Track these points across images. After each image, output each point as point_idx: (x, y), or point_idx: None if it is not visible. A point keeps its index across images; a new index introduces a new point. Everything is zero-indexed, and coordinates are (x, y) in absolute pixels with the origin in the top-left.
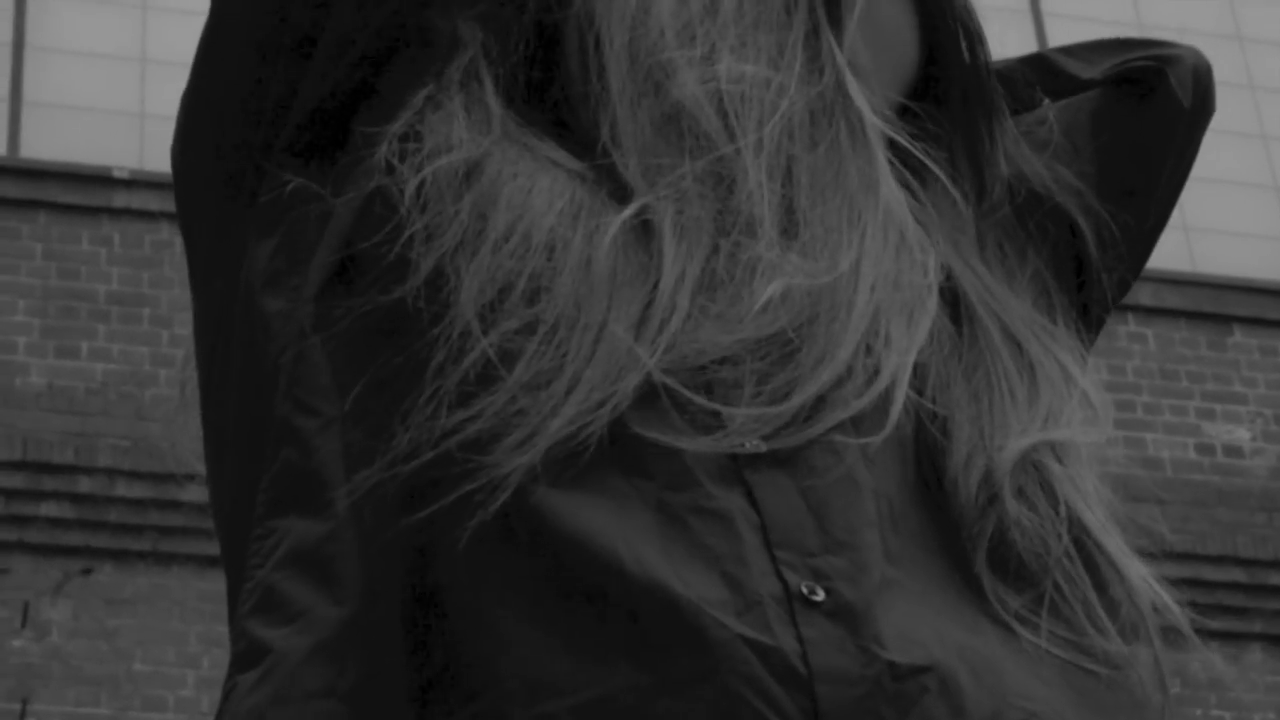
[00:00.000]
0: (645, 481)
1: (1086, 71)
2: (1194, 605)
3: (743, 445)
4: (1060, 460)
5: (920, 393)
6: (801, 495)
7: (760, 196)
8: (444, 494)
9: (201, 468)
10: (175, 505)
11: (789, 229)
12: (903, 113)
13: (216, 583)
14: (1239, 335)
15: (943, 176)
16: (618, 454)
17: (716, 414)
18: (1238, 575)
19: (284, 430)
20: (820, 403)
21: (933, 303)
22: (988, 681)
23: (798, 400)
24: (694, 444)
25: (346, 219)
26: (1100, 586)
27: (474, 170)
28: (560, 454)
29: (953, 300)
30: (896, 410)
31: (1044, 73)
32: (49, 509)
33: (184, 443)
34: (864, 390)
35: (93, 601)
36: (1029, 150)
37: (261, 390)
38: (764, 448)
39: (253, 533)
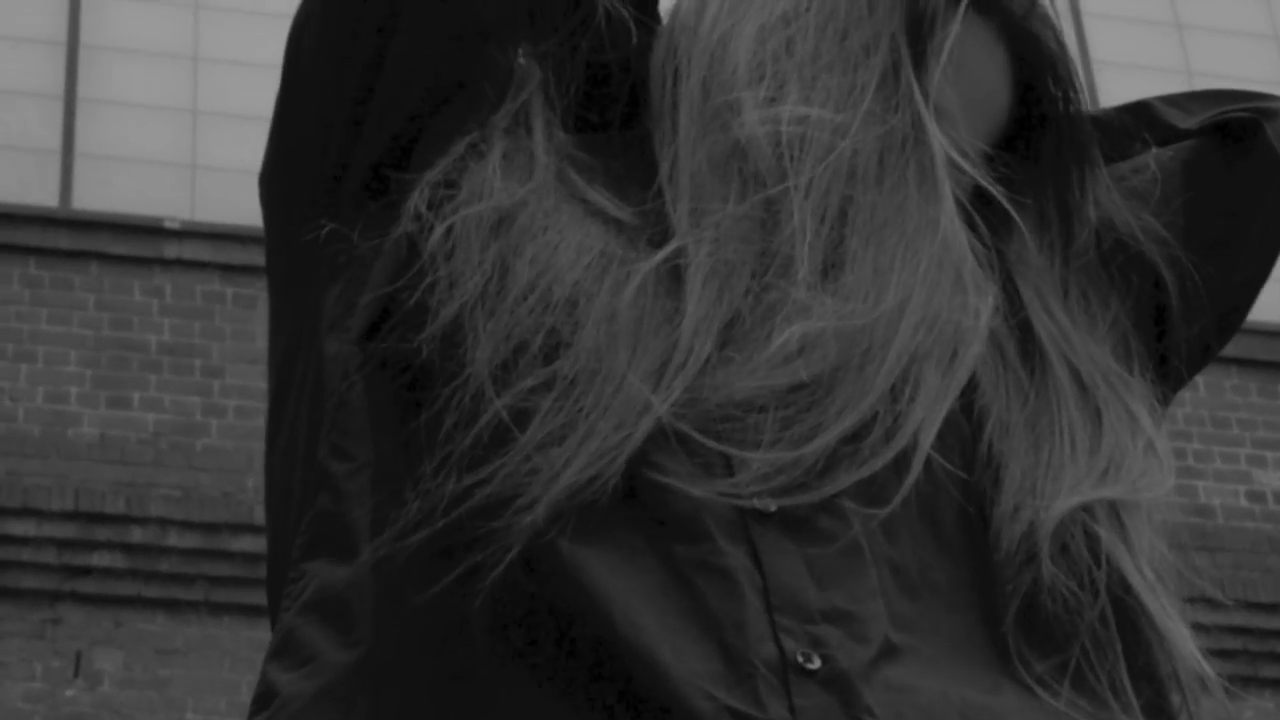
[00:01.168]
0: (657, 530)
1: (1184, 121)
2: (1246, 653)
3: (752, 501)
4: (1118, 514)
5: (978, 436)
6: (805, 561)
7: (801, 238)
8: (455, 565)
9: (253, 519)
10: (227, 555)
11: (833, 270)
12: (993, 157)
13: (267, 632)
14: None
15: (1028, 221)
16: (634, 501)
17: (729, 459)
18: None
19: (321, 475)
20: (834, 461)
21: (976, 349)
22: None
23: (818, 444)
24: (707, 489)
25: (385, 263)
26: (1140, 648)
27: (504, 220)
28: (574, 505)
29: (1026, 344)
30: (912, 477)
31: (1143, 121)
32: (101, 559)
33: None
34: (881, 448)
35: (144, 651)
36: (1120, 199)
37: (316, 436)
38: (773, 507)
39: (288, 575)
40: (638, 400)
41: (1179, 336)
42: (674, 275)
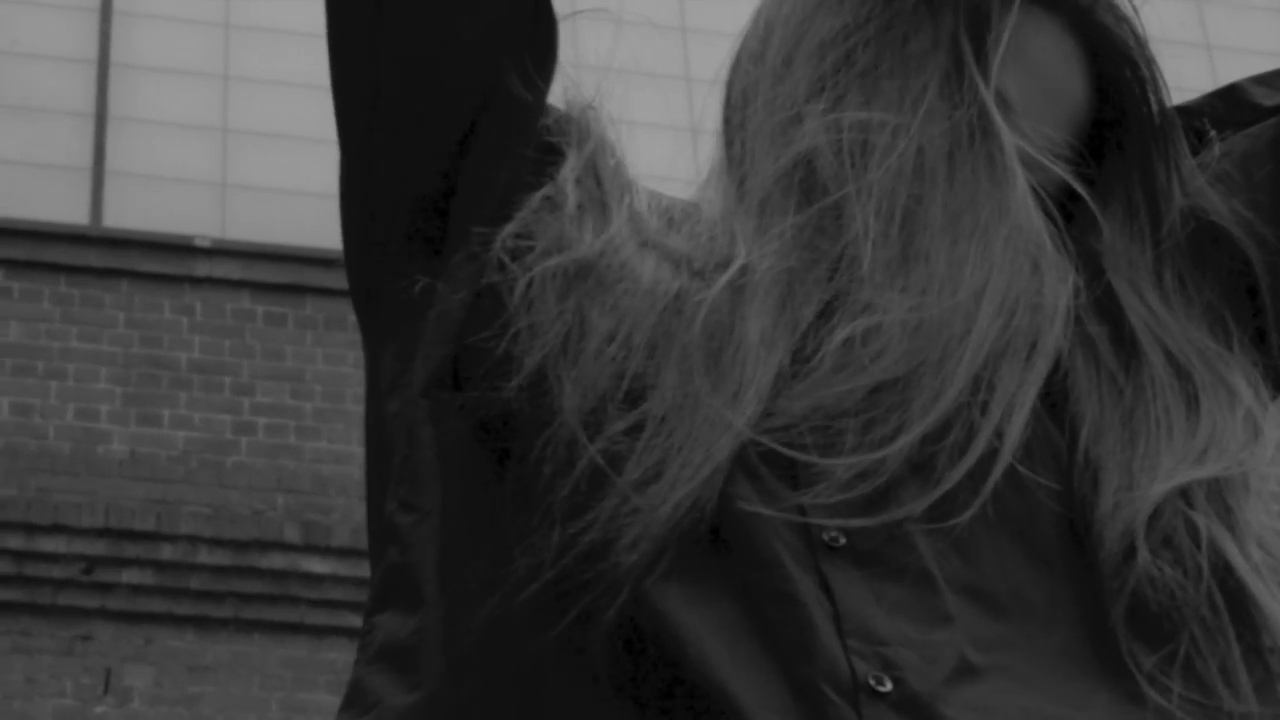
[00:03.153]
0: (731, 557)
1: (1270, 99)
2: None
3: (832, 518)
4: (1221, 494)
5: (1074, 445)
6: (873, 592)
7: (865, 238)
8: (567, 610)
9: (282, 536)
10: (256, 572)
11: (901, 268)
12: (1076, 150)
13: (297, 650)
14: None
15: (1116, 209)
16: (714, 527)
17: (811, 468)
18: None
19: (389, 529)
20: (901, 484)
21: (1056, 333)
22: None
23: (902, 443)
24: (784, 505)
25: (458, 315)
26: (1248, 631)
27: (581, 271)
28: (675, 538)
29: (1119, 335)
30: (990, 484)
31: (1233, 104)
32: (131, 576)
33: None
34: (955, 462)
35: (174, 668)
36: (1204, 182)
37: (384, 491)
38: (842, 540)
39: (363, 629)
40: (719, 423)
41: (1273, 313)
42: (739, 294)
